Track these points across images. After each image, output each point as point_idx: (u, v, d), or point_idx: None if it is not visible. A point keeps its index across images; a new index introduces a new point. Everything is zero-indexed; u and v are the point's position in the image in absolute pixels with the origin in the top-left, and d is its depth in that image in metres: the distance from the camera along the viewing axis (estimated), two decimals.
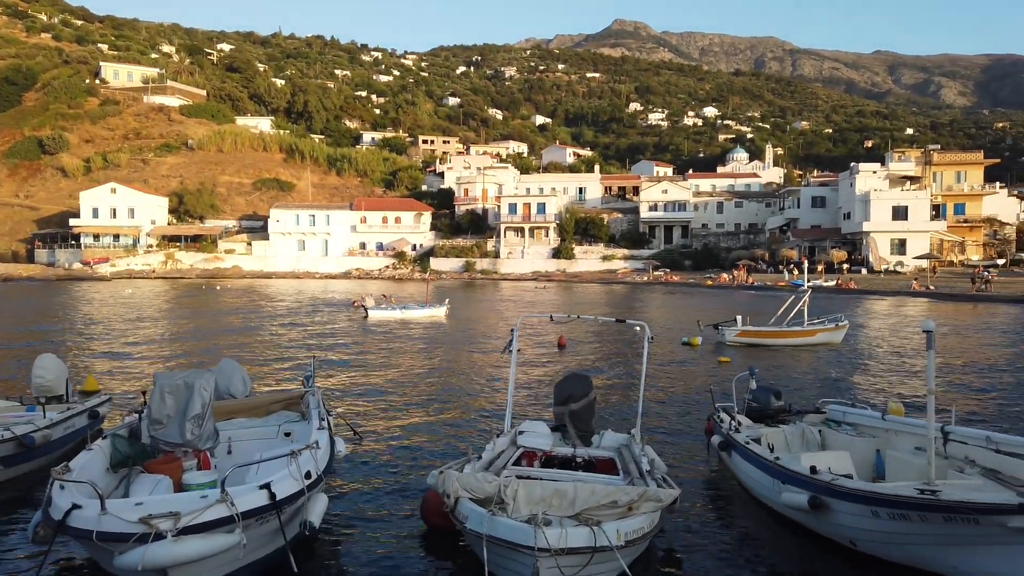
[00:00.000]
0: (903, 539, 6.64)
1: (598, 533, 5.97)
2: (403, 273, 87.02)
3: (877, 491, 6.64)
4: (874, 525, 6.73)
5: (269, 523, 6.30)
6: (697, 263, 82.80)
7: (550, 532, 5.80)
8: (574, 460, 9.08)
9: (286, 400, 10.76)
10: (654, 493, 6.78)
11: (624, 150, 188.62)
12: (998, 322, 33.22)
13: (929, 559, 6.62)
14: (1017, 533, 5.86)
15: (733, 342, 24.30)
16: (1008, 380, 17.94)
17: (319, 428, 8.51)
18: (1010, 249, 73.24)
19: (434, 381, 17.63)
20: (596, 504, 6.56)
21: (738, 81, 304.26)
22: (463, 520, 6.48)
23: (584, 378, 10.00)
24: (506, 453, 8.94)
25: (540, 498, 6.64)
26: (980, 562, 6.25)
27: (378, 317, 34.24)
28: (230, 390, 10.53)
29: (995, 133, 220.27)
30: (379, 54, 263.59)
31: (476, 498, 6.65)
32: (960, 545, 6.30)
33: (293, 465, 6.77)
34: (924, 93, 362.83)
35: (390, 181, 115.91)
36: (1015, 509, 5.76)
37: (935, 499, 6.11)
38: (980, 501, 5.95)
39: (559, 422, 9.77)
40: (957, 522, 6.08)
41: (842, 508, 6.95)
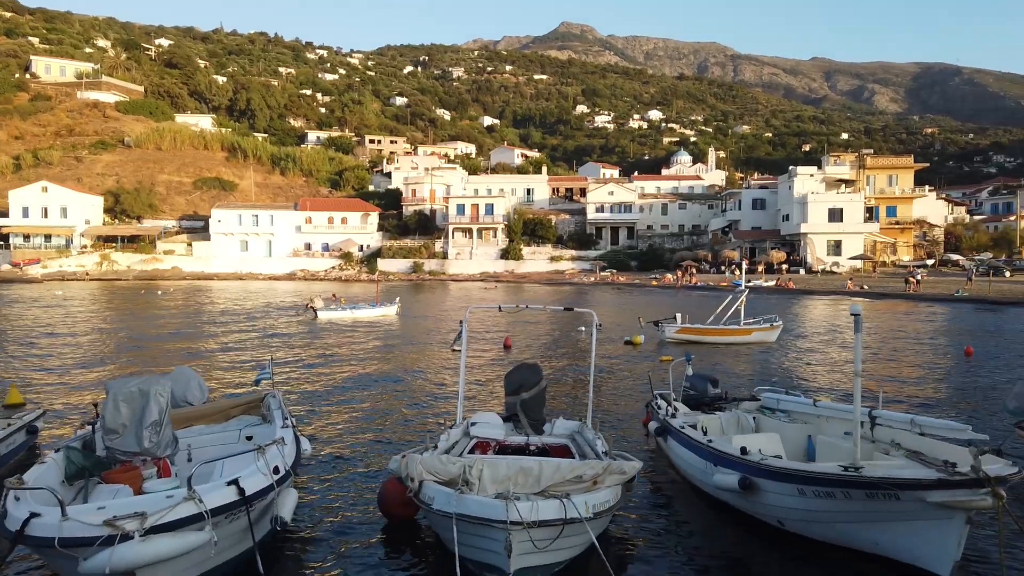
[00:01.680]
0: (828, 517, 6.86)
1: (568, 505, 6.06)
2: (350, 274, 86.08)
3: (803, 469, 6.87)
4: (800, 504, 6.93)
5: (239, 520, 6.21)
6: (643, 264, 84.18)
7: (521, 506, 5.86)
8: (528, 448, 9.16)
9: (246, 404, 10.63)
10: (618, 466, 6.91)
11: (571, 152, 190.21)
12: (927, 319, 34.79)
13: (853, 536, 6.86)
14: (935, 508, 6.09)
15: (673, 339, 24.90)
16: (933, 370, 18.88)
17: (283, 427, 8.47)
18: (938, 250, 76.56)
19: (386, 378, 17.64)
20: (562, 479, 6.63)
21: (682, 85, 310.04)
22: (429, 502, 6.46)
23: (534, 367, 10.10)
24: (460, 444, 9.00)
25: (505, 476, 6.67)
26: (900, 537, 6.49)
27: (328, 318, 33.91)
28: (187, 398, 10.34)
29: (925, 138, 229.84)
30: (324, 52, 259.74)
31: (440, 480, 6.65)
32: (882, 521, 6.54)
33: (261, 460, 6.71)
34: (858, 99, 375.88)
35: (336, 181, 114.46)
36: (934, 484, 6.00)
37: (858, 476, 6.33)
38: (900, 477, 6.20)
39: (511, 412, 9.83)
40: (879, 498, 6.32)
41: (770, 488, 7.14)
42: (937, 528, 6.25)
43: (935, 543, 6.28)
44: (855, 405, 7.16)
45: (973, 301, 44.59)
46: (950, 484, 5.96)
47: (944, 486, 5.98)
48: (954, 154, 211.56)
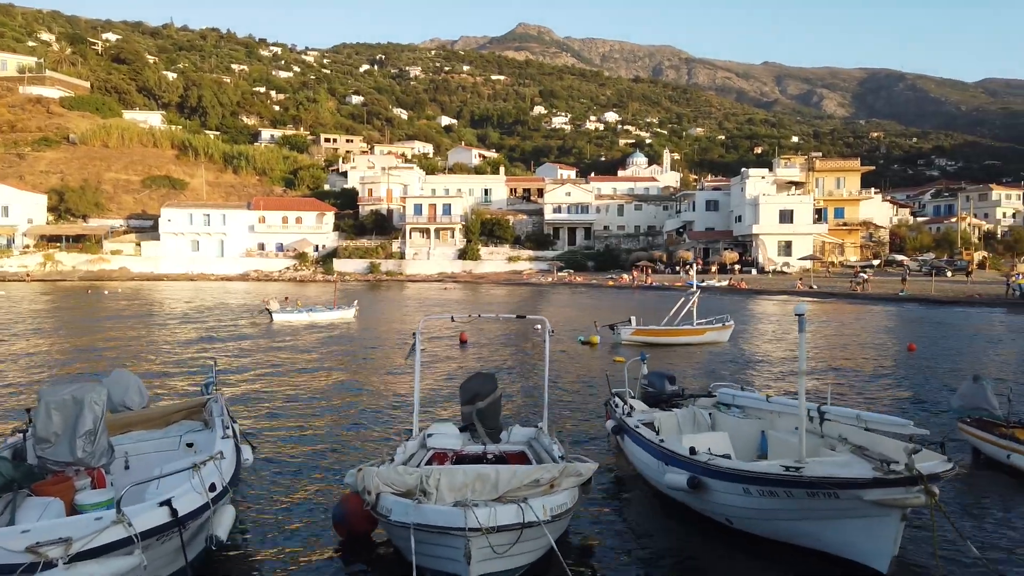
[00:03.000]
0: (772, 515, 7.05)
1: (526, 509, 6.11)
2: (305, 275, 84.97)
3: (747, 469, 7.05)
4: (746, 502, 7.11)
5: (172, 541, 6.05)
6: (600, 264, 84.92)
7: (479, 512, 5.88)
8: (485, 457, 9.19)
9: (187, 409, 10.33)
10: (574, 468, 6.97)
11: (529, 152, 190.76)
12: (873, 318, 35.89)
13: (796, 533, 7.06)
14: (872, 506, 6.31)
15: (628, 341, 25.21)
16: (879, 366, 19.51)
17: (223, 437, 8.24)
18: (884, 251, 78.94)
19: (342, 385, 17.44)
20: (519, 484, 6.67)
21: (637, 88, 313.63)
22: (386, 514, 6.43)
23: (489, 376, 10.16)
24: (417, 456, 8.95)
25: (463, 484, 6.69)
26: (840, 534, 6.70)
27: (284, 321, 33.36)
28: (125, 402, 10.02)
29: (871, 142, 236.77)
30: (278, 49, 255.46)
31: (397, 491, 6.63)
32: (823, 519, 6.75)
33: (196, 478, 6.51)
34: (808, 103, 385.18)
35: (291, 180, 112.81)
36: (870, 483, 6.21)
37: (798, 476, 6.55)
38: (838, 476, 6.40)
39: (467, 421, 9.84)
40: (820, 497, 6.51)
41: (718, 487, 7.31)
42: (874, 525, 6.45)
43: (873, 539, 6.49)
44: (800, 403, 7.33)
45: (917, 300, 46.12)
46: (885, 483, 6.16)
47: (880, 484, 6.18)
48: (898, 157, 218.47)
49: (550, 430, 9.75)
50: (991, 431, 10.39)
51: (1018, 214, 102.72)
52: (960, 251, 73.35)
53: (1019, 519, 8.19)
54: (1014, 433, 10.18)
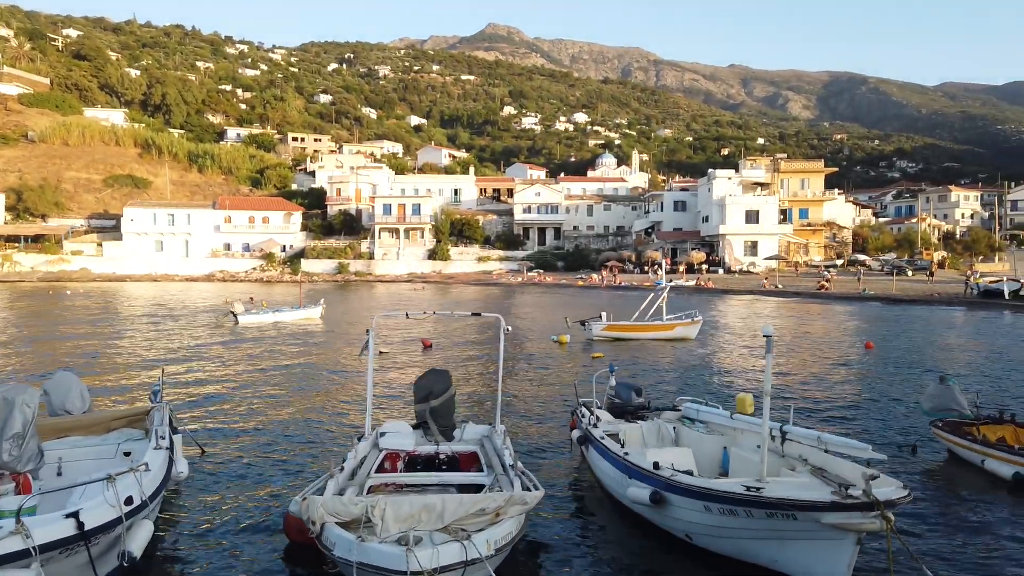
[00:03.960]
0: (732, 533, 7.08)
1: (469, 547, 6.03)
2: (272, 275, 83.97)
3: (709, 487, 7.06)
4: (706, 520, 7.14)
5: (78, 555, 5.80)
6: (569, 264, 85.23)
7: (421, 553, 5.78)
8: (438, 457, 9.13)
9: (129, 417, 10.01)
10: (520, 497, 6.91)
11: (499, 153, 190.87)
12: (836, 316, 36.52)
13: (754, 552, 7.10)
14: (829, 529, 6.38)
15: (600, 336, 25.36)
16: (838, 365, 19.85)
17: (155, 448, 8.02)
18: (847, 251, 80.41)
19: (303, 385, 17.25)
20: (465, 513, 6.62)
21: (607, 89, 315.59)
22: (331, 547, 6.32)
23: (443, 373, 10.08)
24: (369, 458, 8.84)
25: (408, 514, 6.59)
26: (797, 556, 6.75)
27: (249, 322, 32.91)
28: (65, 405, 9.70)
29: (834, 144, 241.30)
30: (245, 47, 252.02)
31: (342, 521, 6.51)
32: (780, 540, 6.80)
33: (110, 491, 6.24)
34: (773, 105, 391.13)
35: (257, 179, 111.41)
36: (827, 506, 6.28)
37: (758, 496, 6.59)
38: (797, 498, 6.46)
39: (420, 419, 9.78)
40: (778, 517, 6.57)
41: (679, 503, 7.32)
42: (830, 548, 6.51)
43: (828, 562, 6.54)
44: (764, 424, 7.39)
45: (879, 299, 47.06)
46: (843, 507, 6.23)
47: (837, 508, 6.25)
48: (861, 159, 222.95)
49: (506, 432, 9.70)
50: (964, 435, 10.57)
51: (976, 215, 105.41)
52: (921, 251, 75.01)
53: (992, 530, 8.21)
54: (983, 431, 10.40)
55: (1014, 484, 9.31)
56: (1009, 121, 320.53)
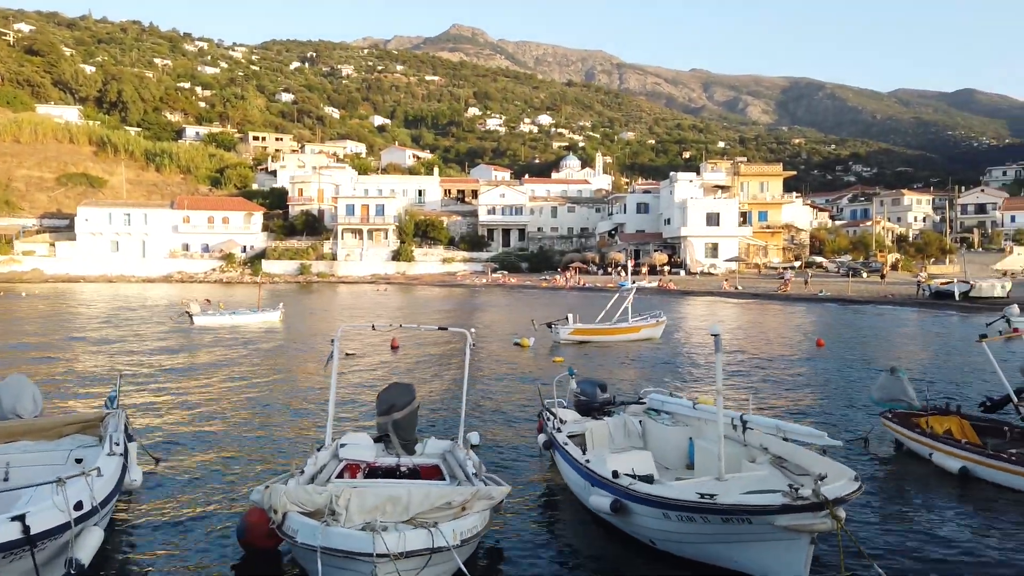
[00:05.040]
0: (692, 538, 7.21)
1: (435, 534, 6.04)
2: (232, 276, 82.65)
3: (664, 496, 7.18)
4: (667, 526, 7.25)
5: (21, 561, 5.63)
6: (534, 265, 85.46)
7: (388, 537, 5.78)
8: (398, 469, 9.04)
9: (83, 422, 9.76)
10: (486, 491, 6.95)
11: (463, 154, 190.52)
12: (793, 317, 37.26)
13: (716, 555, 7.23)
14: (783, 530, 6.53)
15: (567, 340, 25.47)
16: (792, 361, 20.29)
17: (109, 454, 7.84)
18: (804, 253, 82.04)
19: (261, 391, 16.97)
20: (430, 506, 6.60)
21: (571, 91, 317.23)
22: (293, 535, 6.24)
23: (407, 387, 10.00)
24: (328, 467, 8.73)
25: (373, 505, 6.57)
26: (756, 557, 6.91)
27: (205, 324, 32.30)
28: (16, 409, 9.45)
29: (792, 148, 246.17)
30: (204, 44, 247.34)
31: (305, 511, 6.44)
32: (738, 542, 6.95)
33: (59, 495, 6.06)
34: (733, 110, 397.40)
35: (217, 179, 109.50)
36: (779, 510, 6.43)
37: (712, 503, 6.72)
38: (749, 504, 6.61)
39: (382, 432, 9.65)
40: (734, 522, 6.72)
41: (639, 511, 7.42)
42: (785, 549, 6.67)
43: (785, 562, 6.70)
44: (718, 420, 7.51)
45: (835, 300, 48.12)
46: (794, 509, 6.37)
47: (788, 511, 6.40)
48: (818, 163, 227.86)
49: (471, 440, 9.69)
50: (913, 427, 10.85)
51: (928, 218, 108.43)
52: (875, 253, 76.90)
53: (938, 523, 8.43)
54: (931, 423, 10.71)
55: (961, 479, 9.61)
56: (959, 127, 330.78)
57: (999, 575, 7.14)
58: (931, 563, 7.33)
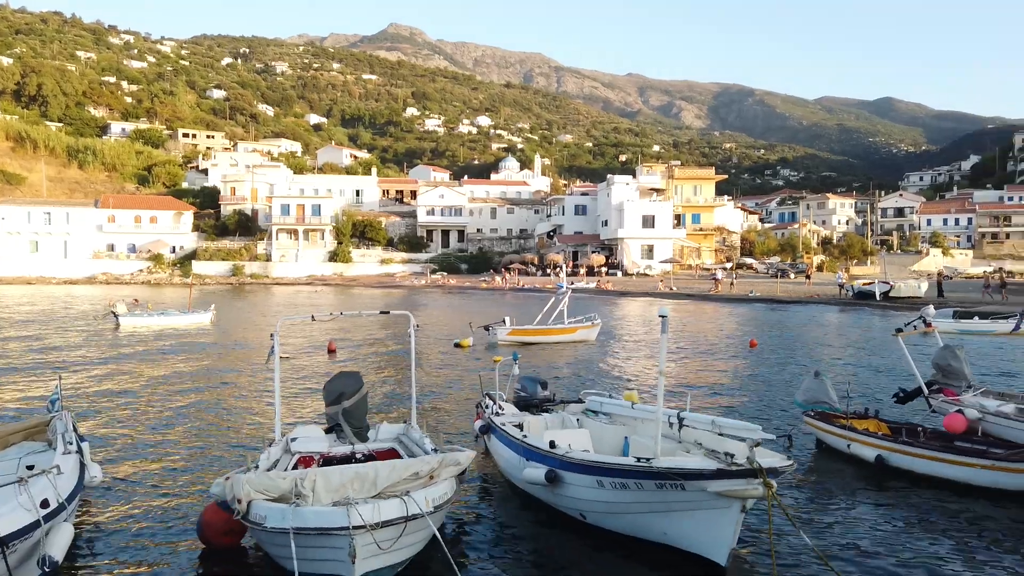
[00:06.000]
0: (624, 508, 7.32)
1: (409, 502, 6.11)
2: (161, 277, 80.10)
3: (602, 460, 7.34)
4: (599, 496, 7.38)
5: None
6: (473, 266, 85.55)
7: (363, 509, 5.81)
8: (354, 457, 9.00)
9: (28, 429, 9.46)
10: (452, 458, 7.00)
11: (402, 154, 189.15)
12: (725, 317, 38.41)
13: (645, 527, 7.37)
14: (715, 497, 6.65)
15: (504, 341, 25.65)
16: (725, 361, 20.98)
17: (64, 453, 7.66)
18: (735, 255, 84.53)
19: (199, 392, 16.62)
20: (398, 479, 6.62)
21: (509, 93, 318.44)
22: (261, 521, 6.18)
23: (354, 375, 9.98)
24: (282, 461, 8.62)
25: (340, 484, 6.54)
26: (685, 527, 7.04)
27: (132, 326, 31.24)
28: None
29: (724, 152, 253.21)
30: (130, 37, 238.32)
31: (270, 497, 6.39)
32: (669, 512, 7.07)
33: (24, 494, 5.97)
34: (668, 114, 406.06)
35: (145, 177, 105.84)
36: (714, 474, 6.56)
37: (648, 466, 6.85)
38: (685, 467, 6.76)
39: (333, 422, 9.59)
40: (667, 488, 6.84)
41: (573, 480, 7.53)
42: (716, 517, 6.79)
43: (714, 532, 6.83)
44: (658, 400, 7.64)
45: (764, 301, 49.76)
46: (728, 474, 6.53)
47: (723, 476, 6.54)
48: (748, 167, 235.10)
49: (420, 425, 9.67)
50: (832, 423, 11.38)
51: (851, 221, 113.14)
52: (802, 255, 79.80)
53: (857, 507, 8.91)
54: (852, 423, 11.28)
55: (877, 466, 10.18)
56: (880, 134, 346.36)
57: (908, 546, 7.62)
58: (851, 541, 7.76)
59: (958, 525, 8.20)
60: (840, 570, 6.90)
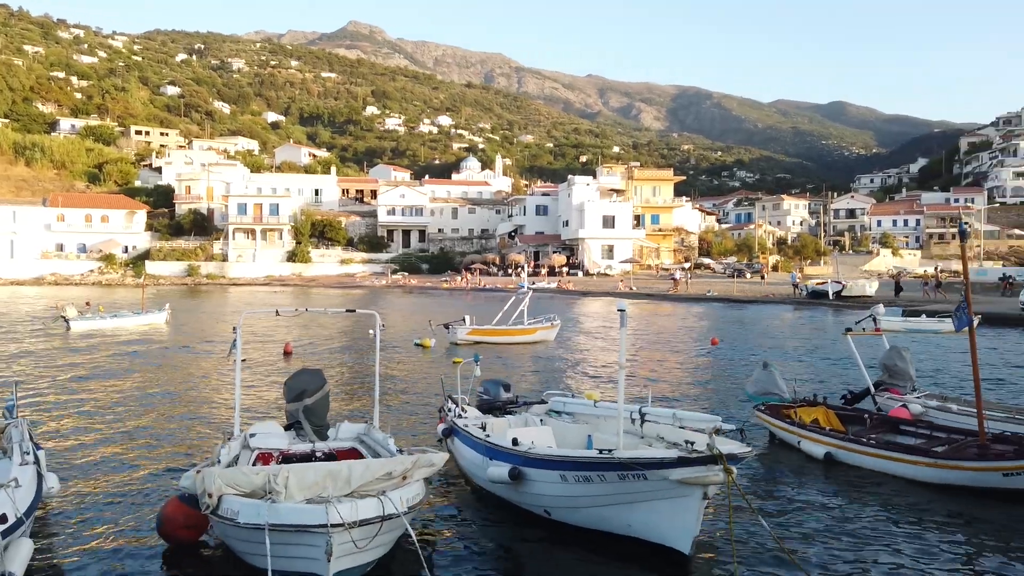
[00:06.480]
0: (587, 502, 7.38)
1: (386, 502, 6.13)
2: (112, 278, 78.11)
3: (564, 455, 7.42)
4: (563, 491, 7.42)
5: None
6: (434, 267, 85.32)
7: (341, 507, 5.82)
8: (314, 455, 8.89)
9: None
10: (427, 459, 7.00)
11: (362, 153, 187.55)
12: (685, 316, 39.02)
13: (609, 519, 7.42)
14: (677, 486, 6.72)
15: (463, 341, 25.66)
16: (688, 359, 21.35)
17: (21, 464, 7.49)
18: (693, 255, 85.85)
19: (156, 395, 16.28)
20: (372, 478, 6.61)
21: (470, 93, 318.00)
22: (233, 516, 6.13)
23: (316, 372, 9.88)
24: (241, 458, 8.51)
25: (313, 481, 6.50)
26: (648, 518, 7.11)
27: (84, 328, 30.43)
28: None
29: (682, 154, 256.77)
30: (80, 32, 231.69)
31: (242, 492, 6.33)
32: (632, 503, 7.13)
33: None
34: (627, 116, 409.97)
35: (96, 175, 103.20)
36: (675, 462, 6.63)
37: (610, 457, 6.92)
38: (646, 457, 6.84)
39: (293, 420, 9.49)
40: (630, 479, 6.91)
41: (537, 476, 7.58)
42: (678, 506, 6.88)
43: (677, 521, 6.91)
44: (619, 394, 7.70)
45: (722, 300, 50.66)
46: (689, 461, 6.61)
47: (684, 463, 6.63)
48: (706, 169, 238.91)
49: (382, 426, 9.63)
50: (783, 417, 11.65)
51: (805, 222, 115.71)
52: (758, 255, 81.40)
53: (807, 497, 9.21)
54: (800, 413, 11.58)
55: (825, 462, 10.51)
56: (832, 137, 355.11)
57: (858, 532, 7.94)
58: (801, 533, 8.00)
59: (904, 515, 8.55)
60: (796, 557, 7.09)
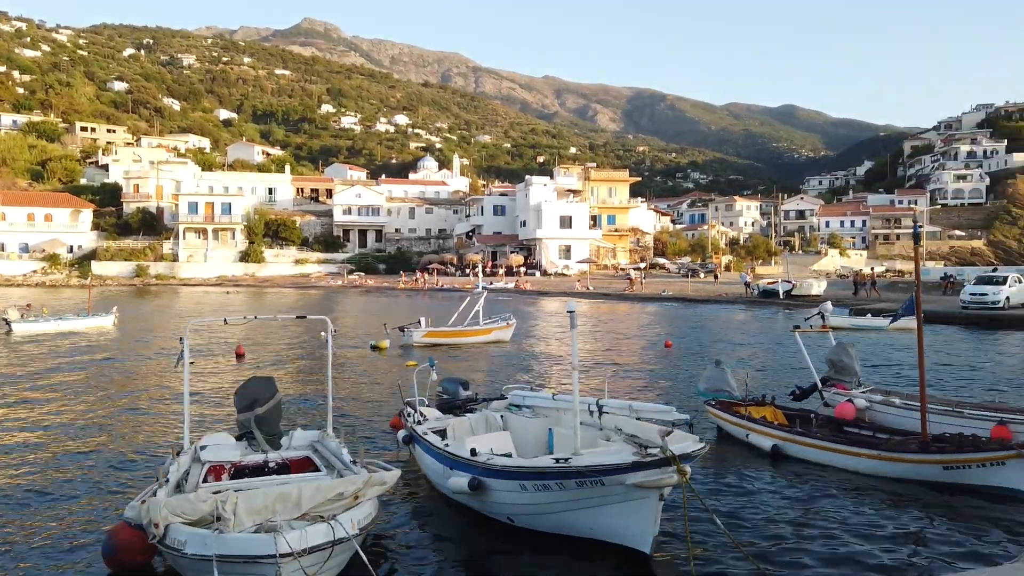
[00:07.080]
0: (548, 508, 7.40)
1: (336, 527, 6.01)
2: (57, 279, 75.72)
3: (522, 465, 7.43)
4: (523, 499, 7.45)
5: None
6: (391, 267, 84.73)
7: (290, 536, 5.69)
8: (267, 465, 8.74)
9: None
10: (378, 478, 6.94)
11: (317, 152, 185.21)
12: (640, 316, 39.53)
13: (571, 524, 7.46)
14: (634, 489, 6.79)
15: (420, 343, 25.59)
16: (644, 359, 21.66)
17: None
18: (649, 255, 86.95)
19: (102, 402, 15.85)
20: (323, 499, 6.52)
21: (427, 92, 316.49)
22: (180, 547, 5.94)
23: (267, 380, 9.70)
24: (192, 472, 8.31)
25: (262, 505, 6.40)
26: (608, 521, 7.18)
27: (26, 331, 29.51)
28: None
29: (637, 155, 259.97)
30: (23, 24, 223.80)
31: (189, 520, 6.15)
32: (592, 507, 7.19)
33: None
34: (584, 117, 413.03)
35: (39, 172, 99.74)
36: (630, 467, 6.67)
37: (567, 467, 6.94)
38: (602, 464, 6.83)
39: (244, 430, 9.30)
40: (588, 485, 6.95)
41: (497, 486, 7.58)
42: (637, 508, 6.95)
43: (636, 522, 7.00)
44: (574, 395, 7.75)
45: (677, 299, 51.43)
46: (643, 466, 6.66)
47: (639, 468, 6.67)
48: (661, 170, 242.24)
49: (335, 432, 9.53)
50: (732, 412, 11.96)
51: (756, 223, 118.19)
52: (711, 255, 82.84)
53: (757, 491, 9.47)
54: (749, 411, 11.88)
55: (772, 454, 10.82)
56: (782, 140, 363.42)
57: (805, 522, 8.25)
58: (751, 524, 8.27)
59: (848, 505, 8.87)
60: (749, 551, 7.28)
